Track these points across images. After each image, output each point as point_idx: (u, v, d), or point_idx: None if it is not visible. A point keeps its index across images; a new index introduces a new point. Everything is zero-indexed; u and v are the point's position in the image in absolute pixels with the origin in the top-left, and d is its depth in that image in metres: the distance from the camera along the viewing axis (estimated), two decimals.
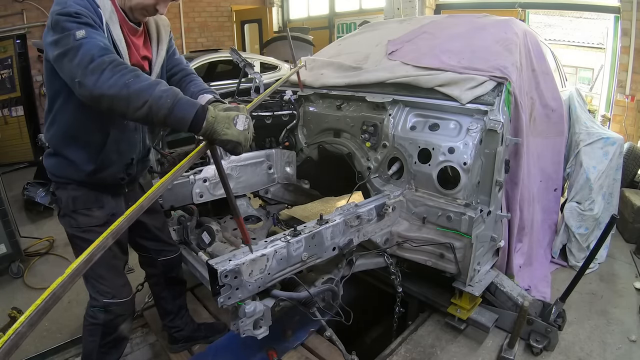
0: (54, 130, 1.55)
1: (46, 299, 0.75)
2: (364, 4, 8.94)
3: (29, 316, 0.71)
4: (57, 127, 1.54)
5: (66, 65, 1.27)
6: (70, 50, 1.24)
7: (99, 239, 0.91)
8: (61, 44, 1.26)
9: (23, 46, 6.41)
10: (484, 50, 2.26)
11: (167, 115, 1.21)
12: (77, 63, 1.23)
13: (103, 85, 1.20)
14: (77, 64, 1.23)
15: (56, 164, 1.59)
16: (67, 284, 0.81)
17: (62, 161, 1.57)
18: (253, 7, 9.73)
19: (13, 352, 0.66)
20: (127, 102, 1.21)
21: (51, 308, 0.76)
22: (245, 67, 2.88)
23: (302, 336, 2.12)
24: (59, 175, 1.60)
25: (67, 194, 1.60)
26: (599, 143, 2.88)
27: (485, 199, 1.98)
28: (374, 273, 2.26)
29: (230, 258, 1.44)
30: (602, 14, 5.69)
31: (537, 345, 2.01)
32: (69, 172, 1.58)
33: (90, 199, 1.62)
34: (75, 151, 1.54)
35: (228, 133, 1.23)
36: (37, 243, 3.54)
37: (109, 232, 0.93)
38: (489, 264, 2.18)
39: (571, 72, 7.90)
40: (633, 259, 2.94)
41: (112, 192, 1.68)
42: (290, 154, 2.67)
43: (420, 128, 2.06)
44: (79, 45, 1.24)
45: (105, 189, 1.65)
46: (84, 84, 1.23)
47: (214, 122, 1.22)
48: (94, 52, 1.23)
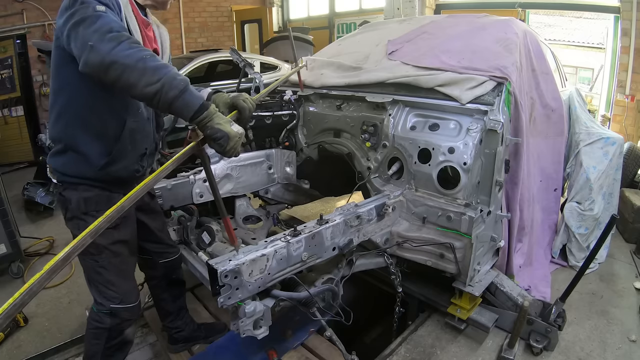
0: (62, 124, 1.47)
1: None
2: (364, 4, 8.94)
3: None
4: (66, 120, 1.46)
5: (81, 32, 1.22)
6: (88, 18, 1.22)
7: (76, 238, 0.94)
8: (78, 13, 1.24)
9: (23, 46, 6.41)
10: (484, 50, 2.26)
11: (176, 97, 1.21)
12: (94, 29, 1.20)
13: (119, 54, 1.18)
14: (94, 30, 1.20)
15: (66, 161, 1.51)
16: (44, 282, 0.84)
17: (74, 157, 1.50)
18: (253, 7, 9.73)
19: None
20: (141, 75, 1.19)
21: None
22: (245, 67, 2.88)
23: (302, 336, 2.12)
24: (70, 174, 1.52)
25: (78, 195, 1.53)
26: (599, 143, 2.89)
27: (485, 199, 1.98)
28: (374, 273, 2.26)
29: (230, 258, 1.44)
30: (602, 14, 5.69)
31: (537, 345, 2.01)
32: (82, 169, 1.51)
33: (102, 199, 1.55)
34: (89, 143, 1.48)
35: (222, 125, 1.26)
36: (37, 243, 3.54)
37: (88, 232, 0.94)
38: (489, 264, 2.18)
39: (571, 72, 7.91)
40: (633, 259, 2.94)
41: (123, 191, 1.62)
42: (290, 154, 2.67)
43: (420, 128, 2.06)
44: (99, 15, 1.23)
45: (118, 186, 1.58)
46: (97, 48, 1.19)
47: (215, 113, 1.26)
48: (113, 25, 1.23)
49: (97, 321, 1.64)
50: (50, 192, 4.14)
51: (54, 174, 1.55)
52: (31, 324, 2.50)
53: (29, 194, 4.11)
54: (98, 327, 1.64)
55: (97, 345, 1.65)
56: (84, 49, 1.21)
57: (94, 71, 1.22)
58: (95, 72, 1.22)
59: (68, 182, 1.54)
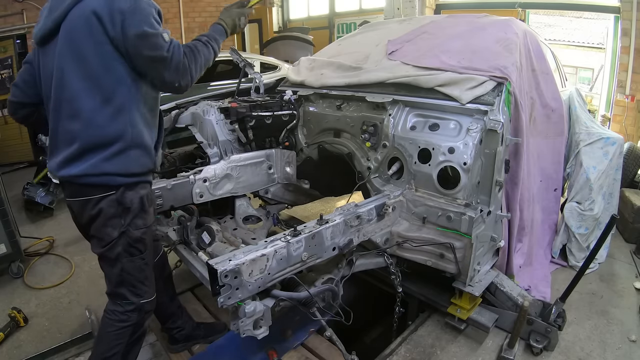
0: (124, 121, 1.43)
1: None
2: (364, 4, 8.95)
3: None
4: (129, 117, 1.45)
5: (160, 70, 1.45)
6: (164, 60, 1.43)
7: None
8: (151, 45, 1.40)
9: (23, 46, 6.40)
10: (484, 50, 2.26)
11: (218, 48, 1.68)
12: (173, 71, 1.46)
13: (194, 76, 1.54)
14: (174, 71, 1.46)
15: (127, 160, 1.47)
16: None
17: (138, 153, 1.49)
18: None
19: None
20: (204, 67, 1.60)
21: None
22: (245, 67, 2.88)
23: (302, 336, 2.13)
24: (132, 172, 1.50)
25: (137, 194, 1.52)
26: (599, 143, 2.89)
27: (485, 199, 1.98)
28: (374, 273, 2.26)
29: (230, 258, 1.44)
30: (602, 14, 5.69)
31: (537, 345, 2.01)
32: (145, 163, 1.53)
33: (152, 194, 1.65)
34: (149, 136, 1.55)
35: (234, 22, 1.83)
36: (37, 243, 3.54)
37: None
38: (489, 264, 2.18)
39: (571, 72, 7.91)
40: (633, 259, 2.94)
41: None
42: (290, 154, 2.67)
43: (420, 128, 2.06)
44: (171, 55, 1.44)
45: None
46: (182, 85, 1.51)
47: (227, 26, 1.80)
48: (180, 57, 1.46)
49: (122, 321, 1.59)
50: (50, 192, 4.13)
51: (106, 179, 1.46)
52: (31, 324, 2.50)
53: (29, 194, 4.11)
54: (123, 327, 1.59)
55: (120, 345, 1.60)
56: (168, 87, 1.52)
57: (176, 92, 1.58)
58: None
59: (128, 182, 1.50)
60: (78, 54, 1.37)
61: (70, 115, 1.41)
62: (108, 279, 1.62)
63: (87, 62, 1.38)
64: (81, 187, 1.46)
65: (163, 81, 1.48)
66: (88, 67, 1.38)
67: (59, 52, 1.39)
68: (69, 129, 1.42)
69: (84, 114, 1.40)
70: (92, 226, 1.52)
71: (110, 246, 1.52)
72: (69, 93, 1.40)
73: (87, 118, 1.40)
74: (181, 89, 1.52)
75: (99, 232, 1.52)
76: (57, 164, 1.47)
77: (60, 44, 1.39)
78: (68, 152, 1.43)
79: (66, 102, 1.41)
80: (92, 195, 1.46)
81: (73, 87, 1.39)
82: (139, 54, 1.39)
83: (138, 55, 1.39)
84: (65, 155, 1.44)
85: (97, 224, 1.51)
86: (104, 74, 1.40)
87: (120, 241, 1.52)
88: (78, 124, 1.41)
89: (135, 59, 1.40)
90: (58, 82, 1.41)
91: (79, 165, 1.42)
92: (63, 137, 1.45)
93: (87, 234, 1.60)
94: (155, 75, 1.47)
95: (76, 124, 1.41)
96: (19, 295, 2.81)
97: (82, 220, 1.55)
